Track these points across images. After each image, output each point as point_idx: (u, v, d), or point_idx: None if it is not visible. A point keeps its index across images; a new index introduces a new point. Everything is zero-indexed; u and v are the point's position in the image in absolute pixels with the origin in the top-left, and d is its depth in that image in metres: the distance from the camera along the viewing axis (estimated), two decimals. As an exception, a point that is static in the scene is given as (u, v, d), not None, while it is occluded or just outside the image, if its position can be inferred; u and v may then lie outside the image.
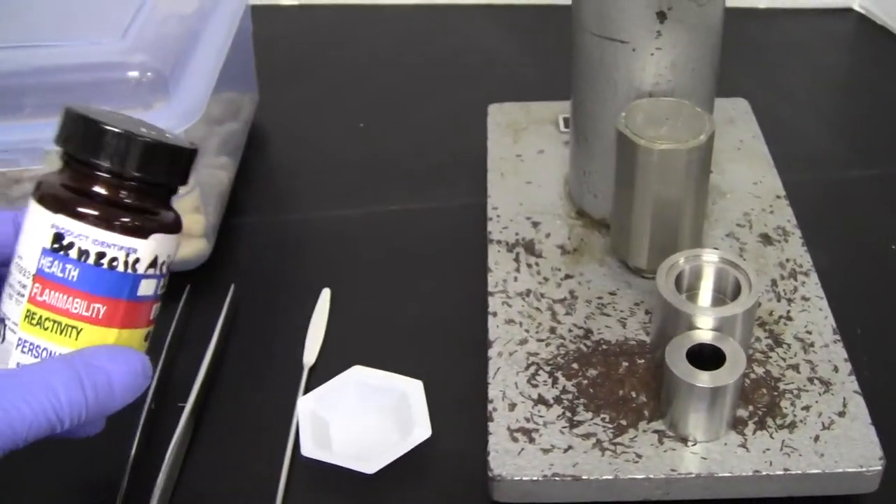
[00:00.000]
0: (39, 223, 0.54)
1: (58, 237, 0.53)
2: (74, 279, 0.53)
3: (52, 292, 0.54)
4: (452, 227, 0.88)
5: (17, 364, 0.54)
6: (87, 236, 0.53)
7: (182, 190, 0.75)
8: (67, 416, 0.51)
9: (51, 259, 0.53)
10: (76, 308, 0.54)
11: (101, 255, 0.53)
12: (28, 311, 0.54)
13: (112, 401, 0.53)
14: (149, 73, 0.75)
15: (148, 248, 0.55)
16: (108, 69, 0.75)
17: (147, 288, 0.56)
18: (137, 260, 0.54)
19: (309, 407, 0.69)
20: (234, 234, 0.89)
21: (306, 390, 0.73)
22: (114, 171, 0.54)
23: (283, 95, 1.08)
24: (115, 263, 0.54)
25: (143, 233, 0.54)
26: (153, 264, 0.55)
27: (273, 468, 0.68)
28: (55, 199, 0.54)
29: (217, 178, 0.89)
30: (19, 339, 0.54)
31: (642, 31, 0.71)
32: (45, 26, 0.80)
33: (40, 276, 0.54)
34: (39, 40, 0.78)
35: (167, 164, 0.55)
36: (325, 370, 0.74)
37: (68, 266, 0.53)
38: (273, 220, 0.91)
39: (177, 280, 0.78)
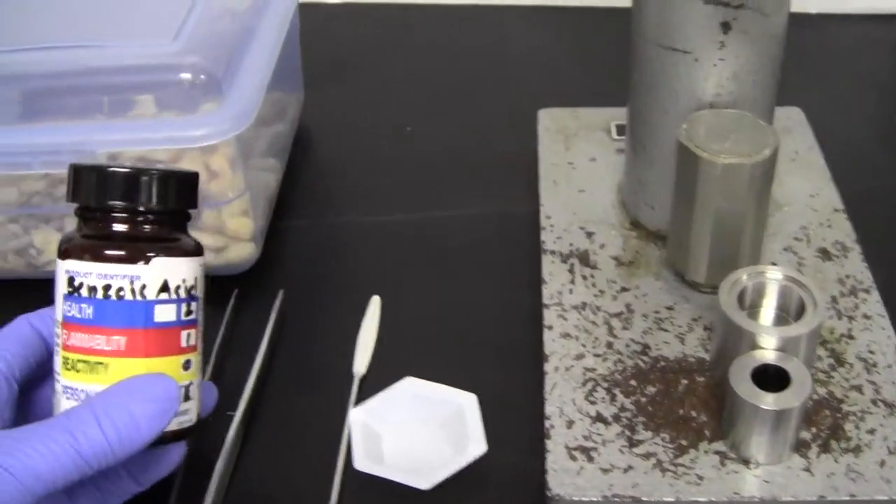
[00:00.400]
0: (59, 275, 0.57)
1: (70, 281, 0.56)
2: (90, 316, 0.56)
3: (76, 334, 0.56)
4: (502, 235, 0.87)
5: (65, 410, 0.56)
6: (91, 273, 0.56)
7: (231, 194, 0.76)
8: (92, 456, 0.52)
9: (69, 303, 0.56)
10: (98, 344, 0.56)
11: (107, 288, 0.55)
12: (64, 358, 0.57)
13: (139, 433, 0.54)
14: (202, 76, 0.74)
15: (152, 273, 0.56)
16: (161, 71, 0.74)
17: (165, 314, 0.57)
18: (144, 286, 0.56)
19: (361, 418, 0.68)
20: (281, 237, 0.88)
21: (357, 401, 0.72)
22: (105, 207, 0.57)
23: (328, 96, 1.07)
24: (122, 293, 0.56)
25: (142, 259, 0.56)
26: (164, 289, 0.57)
27: (324, 480, 0.67)
28: (65, 248, 0.57)
29: (264, 181, 0.88)
30: (63, 386, 0.57)
31: (705, 42, 0.69)
32: (98, 27, 0.80)
33: (65, 322, 0.57)
34: (91, 41, 0.77)
35: (156, 192, 0.57)
36: (375, 380, 0.73)
37: (83, 305, 0.56)
38: (321, 223, 0.90)
39: (225, 285, 0.78)
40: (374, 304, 0.80)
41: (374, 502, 0.66)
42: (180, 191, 0.59)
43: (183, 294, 0.58)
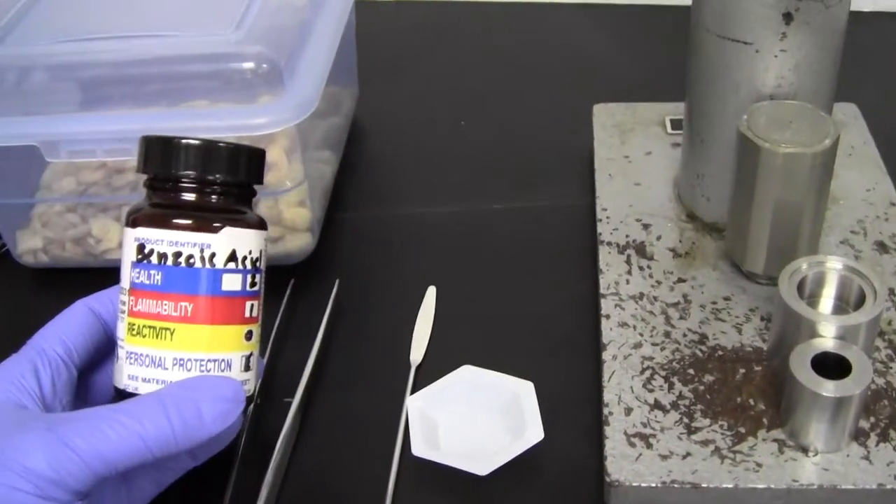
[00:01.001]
0: (127, 243, 0.58)
1: (140, 248, 0.57)
2: (159, 283, 0.57)
3: (144, 300, 0.57)
4: (557, 227, 0.87)
5: (128, 376, 0.57)
6: (162, 240, 0.57)
7: (289, 183, 0.76)
8: (155, 444, 0.53)
9: (138, 270, 0.57)
10: (166, 310, 0.57)
11: (178, 255, 0.56)
12: (129, 324, 0.58)
13: (202, 427, 0.55)
14: (264, 65, 0.74)
15: (221, 242, 0.57)
16: (224, 60, 0.75)
17: (232, 283, 0.58)
18: (213, 255, 0.57)
19: (418, 405, 0.68)
20: (337, 228, 0.88)
21: (414, 389, 0.72)
22: (174, 177, 0.58)
23: (382, 91, 1.07)
24: (192, 260, 0.57)
25: (212, 228, 0.57)
26: (232, 258, 0.58)
27: (381, 466, 0.67)
28: (135, 217, 0.58)
29: (320, 172, 0.88)
30: (127, 352, 0.58)
31: (767, 32, 0.69)
32: (160, 17, 0.80)
33: (133, 289, 0.57)
34: (153, 30, 0.78)
35: (225, 163, 0.58)
36: (432, 369, 0.73)
37: (152, 272, 0.57)
38: (376, 215, 0.91)
39: (281, 275, 0.79)
40: (431, 294, 0.80)
41: (432, 488, 0.67)
42: (248, 164, 0.60)
43: (249, 265, 0.58)
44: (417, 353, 0.75)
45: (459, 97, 1.07)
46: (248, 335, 0.59)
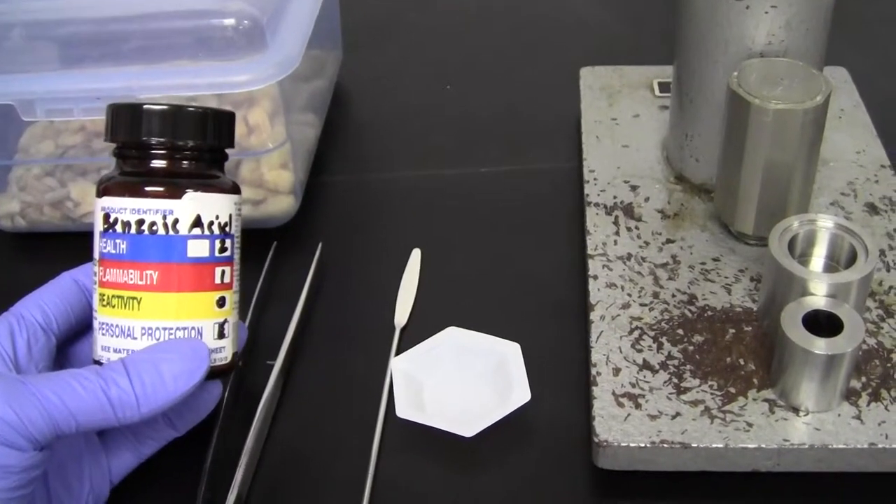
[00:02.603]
0: (96, 213, 0.58)
1: (106, 217, 0.57)
2: (125, 251, 0.56)
3: (111, 270, 0.57)
4: (545, 190, 0.86)
5: (101, 347, 0.57)
6: (125, 208, 0.56)
7: (271, 144, 0.75)
8: (118, 402, 0.53)
9: (105, 240, 0.57)
10: (132, 279, 0.57)
11: (140, 223, 0.56)
12: (100, 295, 0.58)
13: (164, 387, 0.54)
14: (245, 22, 0.73)
15: (184, 208, 0.56)
16: (206, 16, 0.73)
17: (198, 249, 0.57)
18: (177, 220, 0.56)
19: (403, 367, 0.67)
20: (320, 192, 0.87)
21: (398, 351, 0.71)
22: (140, 144, 0.57)
23: (366, 55, 1.06)
24: (154, 227, 0.56)
25: (174, 193, 0.56)
26: (197, 224, 0.57)
27: (365, 429, 0.67)
28: (103, 187, 0.58)
29: (304, 135, 0.87)
30: (99, 323, 0.58)
31: (757, -12, 0.68)
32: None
33: (102, 259, 0.57)
34: (133, -14, 0.76)
35: (191, 128, 0.58)
36: (416, 331, 0.72)
37: (117, 241, 0.57)
38: (360, 179, 0.89)
39: (264, 237, 0.78)
40: (415, 257, 0.79)
41: (417, 451, 0.66)
42: (216, 128, 0.59)
43: (217, 230, 0.58)
44: (402, 315, 0.74)
45: (445, 61, 1.06)
46: (221, 302, 0.58)
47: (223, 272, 0.58)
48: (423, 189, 0.88)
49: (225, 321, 0.58)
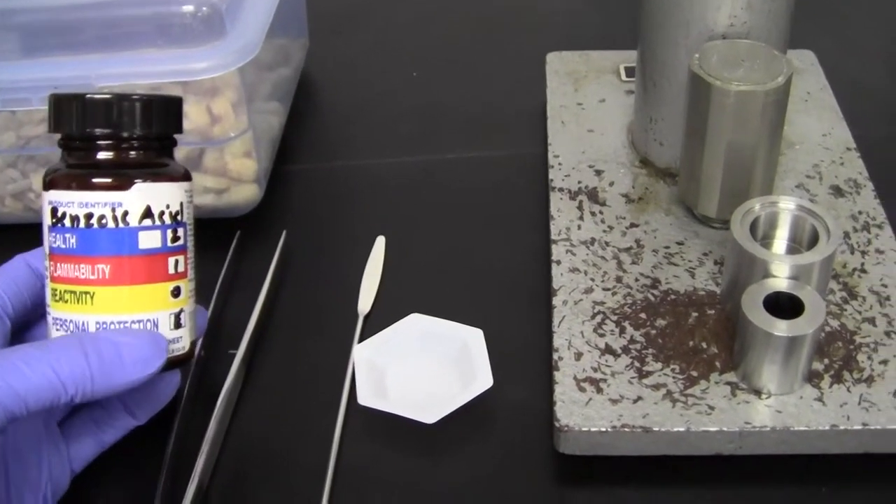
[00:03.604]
0: (44, 207, 0.56)
1: (54, 212, 0.56)
2: (74, 246, 0.55)
3: (62, 265, 0.56)
4: (511, 176, 0.85)
5: None
6: (73, 202, 0.55)
7: (233, 133, 0.75)
8: (70, 380, 0.52)
9: (54, 234, 0.56)
10: (84, 273, 0.55)
11: (89, 217, 0.55)
12: (52, 289, 0.57)
13: (122, 370, 0.53)
14: (204, 8, 0.73)
15: (133, 199, 0.55)
16: (164, 3, 0.73)
17: (150, 240, 0.56)
18: (126, 213, 0.55)
19: (365, 355, 0.67)
20: (285, 180, 0.86)
21: (362, 339, 0.70)
22: (84, 135, 0.56)
23: (333, 43, 1.06)
24: (104, 221, 0.55)
25: (122, 185, 0.55)
26: (147, 215, 0.56)
27: (327, 417, 0.66)
28: (49, 180, 0.56)
29: (268, 124, 0.87)
30: (52, 318, 0.57)
31: (718, -32, 0.68)
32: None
33: (52, 254, 0.56)
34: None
35: (136, 117, 0.56)
36: (380, 319, 0.72)
37: (67, 235, 0.55)
38: (325, 167, 0.89)
39: (228, 226, 0.77)
40: (380, 244, 0.78)
41: (379, 438, 0.65)
42: (163, 115, 0.58)
43: (168, 220, 0.57)
44: (365, 302, 0.74)
45: (412, 48, 1.05)
46: (176, 292, 0.57)
47: (177, 262, 0.57)
48: (388, 176, 0.87)
49: (181, 311, 0.58)
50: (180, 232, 0.57)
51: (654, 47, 0.74)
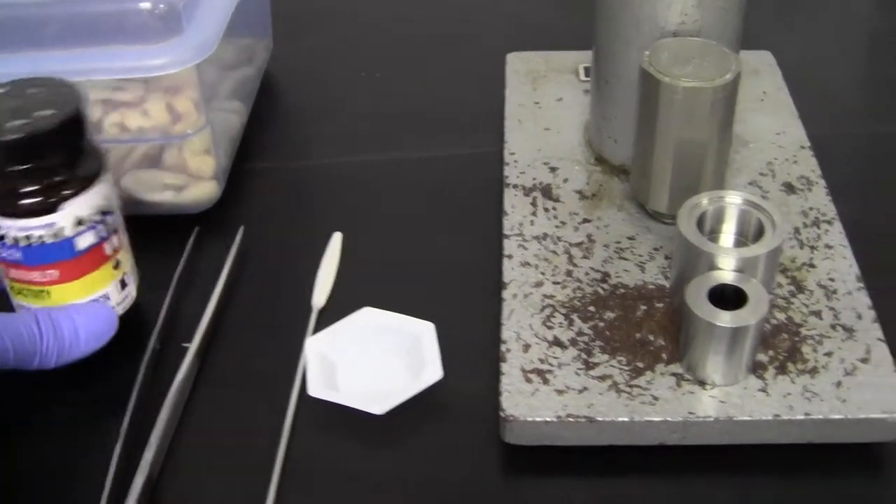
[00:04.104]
0: None
1: None
2: (21, 259, 0.63)
3: (13, 270, 0.64)
4: (470, 175, 0.86)
5: None
6: (10, 227, 0.62)
7: (190, 130, 0.75)
8: (45, 351, 0.61)
9: (1, 246, 0.63)
10: (35, 278, 0.64)
11: (28, 237, 0.62)
12: (10, 285, 0.66)
13: (78, 344, 0.62)
14: (161, 6, 0.73)
15: (64, 216, 0.62)
16: (122, 1, 0.73)
17: (86, 240, 0.64)
18: (61, 228, 0.62)
19: (317, 347, 0.67)
20: (245, 178, 0.87)
21: (315, 332, 0.71)
22: (2, 174, 0.61)
23: (297, 44, 1.06)
24: (42, 238, 0.62)
25: (51, 208, 0.61)
26: (79, 223, 0.63)
27: (280, 409, 0.66)
28: None
29: (228, 122, 0.87)
30: (15, 304, 0.66)
31: (668, -34, 0.69)
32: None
33: (2, 261, 0.64)
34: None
35: (51, 147, 0.61)
36: (335, 313, 0.72)
37: (11, 251, 0.63)
38: (285, 165, 0.89)
39: (186, 222, 0.78)
40: (336, 240, 0.79)
41: (329, 429, 0.65)
42: (73, 132, 0.62)
43: (97, 217, 0.63)
44: (320, 297, 0.74)
45: (377, 50, 1.06)
46: (116, 265, 0.66)
47: (111, 242, 0.66)
48: (347, 175, 0.88)
49: (124, 275, 0.68)
50: (110, 219, 0.65)
51: (606, 46, 0.75)
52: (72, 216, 0.62)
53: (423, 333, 0.67)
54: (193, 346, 0.69)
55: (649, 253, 0.72)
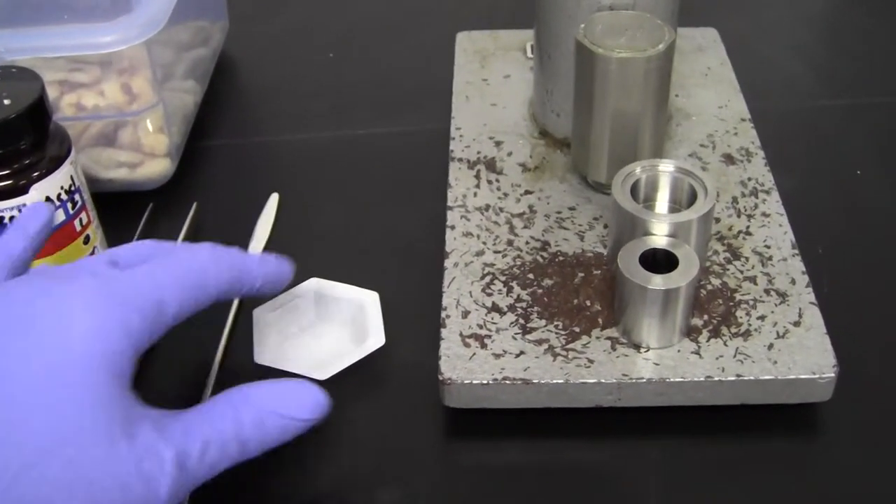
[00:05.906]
0: None
1: None
2: None
3: None
4: (417, 150, 0.87)
5: None
6: None
7: (143, 106, 0.77)
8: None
9: None
10: None
11: (1, 219, 0.64)
12: None
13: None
14: (108, -16, 0.74)
15: (34, 198, 0.64)
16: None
17: (56, 218, 0.65)
18: None
19: (263, 316, 0.68)
20: (199, 156, 0.88)
21: (259, 302, 0.72)
22: None
23: (253, 26, 1.07)
24: (14, 218, 0.63)
25: (21, 190, 0.63)
26: (48, 201, 0.64)
27: (221, 376, 0.68)
28: None
29: (182, 101, 0.88)
30: None
31: (604, -59, 0.70)
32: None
33: None
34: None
35: (16, 131, 0.62)
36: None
37: None
38: (238, 143, 0.91)
39: (139, 199, 0.79)
40: (272, 201, 0.81)
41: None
42: (36, 116, 0.63)
43: (65, 195, 0.65)
44: (255, 250, 0.76)
45: (331, 31, 1.07)
46: (86, 239, 0.67)
47: (80, 219, 0.67)
48: (298, 152, 0.89)
49: (94, 248, 0.69)
50: (77, 196, 0.66)
51: (548, 20, 0.76)
52: (41, 196, 0.64)
53: (367, 302, 0.69)
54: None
55: (589, 222, 0.73)
